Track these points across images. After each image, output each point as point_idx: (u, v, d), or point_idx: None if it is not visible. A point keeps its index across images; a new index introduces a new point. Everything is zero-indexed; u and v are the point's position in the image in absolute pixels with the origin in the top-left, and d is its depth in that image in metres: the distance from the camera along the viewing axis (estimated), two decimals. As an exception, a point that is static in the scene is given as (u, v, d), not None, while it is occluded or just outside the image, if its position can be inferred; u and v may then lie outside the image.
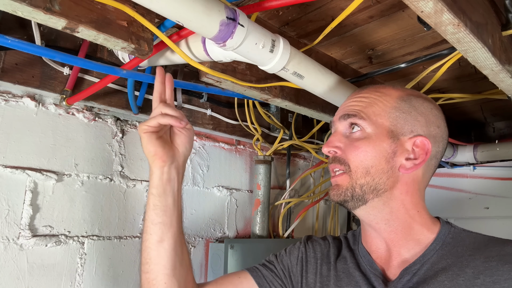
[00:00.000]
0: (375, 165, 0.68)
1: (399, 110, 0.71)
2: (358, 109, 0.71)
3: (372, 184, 0.68)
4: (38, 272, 0.96)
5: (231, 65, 0.94)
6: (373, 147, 0.68)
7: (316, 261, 0.80)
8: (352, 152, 0.69)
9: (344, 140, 0.71)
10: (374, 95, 0.73)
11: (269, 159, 1.48)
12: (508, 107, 1.57)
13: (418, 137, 0.69)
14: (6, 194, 0.93)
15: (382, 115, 0.70)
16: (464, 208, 1.74)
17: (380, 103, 0.71)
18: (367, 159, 0.68)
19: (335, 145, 0.71)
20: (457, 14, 0.63)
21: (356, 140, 0.70)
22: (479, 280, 0.60)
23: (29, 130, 0.99)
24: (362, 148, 0.69)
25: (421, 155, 0.69)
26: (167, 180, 0.75)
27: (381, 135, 0.69)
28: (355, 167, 0.69)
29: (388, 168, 0.68)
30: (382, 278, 0.69)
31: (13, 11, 0.61)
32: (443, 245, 0.68)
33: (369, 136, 0.69)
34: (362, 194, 0.68)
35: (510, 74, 0.87)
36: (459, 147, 1.65)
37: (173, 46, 0.77)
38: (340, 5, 0.95)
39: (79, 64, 0.87)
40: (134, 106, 1.11)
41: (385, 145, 0.69)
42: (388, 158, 0.68)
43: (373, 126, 0.69)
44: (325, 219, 1.89)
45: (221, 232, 1.40)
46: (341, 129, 0.73)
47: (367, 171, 0.68)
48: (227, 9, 0.67)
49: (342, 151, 0.71)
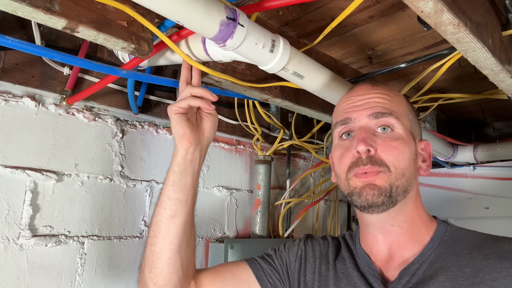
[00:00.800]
0: (408, 167, 0.68)
1: (412, 113, 0.72)
2: (390, 108, 0.69)
3: (406, 185, 0.67)
4: (38, 272, 0.96)
5: (231, 65, 0.94)
6: (408, 149, 0.68)
7: (314, 260, 0.80)
8: (391, 152, 0.66)
9: (375, 139, 0.68)
10: (392, 94, 0.72)
11: (269, 159, 1.48)
12: (508, 107, 1.57)
13: (423, 141, 0.72)
14: (6, 194, 0.93)
15: (404, 116, 0.70)
16: (464, 208, 1.74)
17: (401, 104, 0.71)
18: (404, 160, 0.67)
19: (371, 144, 0.67)
20: (457, 14, 0.63)
21: (393, 140, 0.67)
22: (478, 279, 0.60)
23: (29, 130, 0.99)
24: (400, 149, 0.67)
25: (428, 158, 0.72)
26: (190, 160, 0.76)
27: (409, 137, 0.69)
28: (395, 168, 0.66)
29: (415, 169, 0.69)
30: (381, 279, 0.69)
31: (13, 11, 0.61)
32: (440, 243, 0.68)
33: (401, 137, 0.68)
34: (396, 196, 0.66)
35: (510, 74, 0.87)
36: (459, 147, 1.65)
37: (173, 46, 0.77)
38: (340, 5, 0.95)
39: (79, 64, 0.87)
40: (134, 106, 1.11)
41: (413, 147, 0.69)
42: (415, 159, 0.70)
43: (403, 127, 0.69)
44: (325, 219, 1.89)
45: (221, 232, 1.40)
46: (368, 126, 0.69)
47: (403, 173, 0.67)
48: (227, 9, 0.67)
49: (376, 151, 0.67)
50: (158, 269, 0.74)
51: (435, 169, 1.85)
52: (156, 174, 1.23)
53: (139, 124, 1.22)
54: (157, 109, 1.22)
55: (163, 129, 1.28)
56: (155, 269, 0.75)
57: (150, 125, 1.24)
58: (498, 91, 1.22)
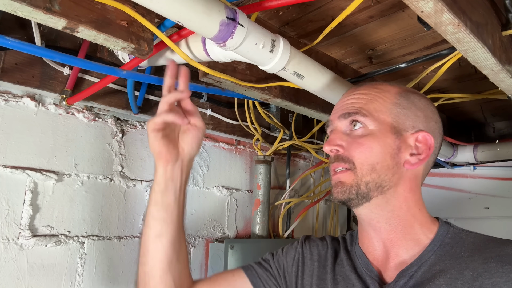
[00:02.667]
0: (381, 161, 0.67)
1: (400, 106, 0.70)
2: (359, 106, 0.70)
3: (378, 181, 0.67)
4: (38, 272, 0.96)
5: (231, 65, 0.94)
6: (378, 143, 0.67)
7: (313, 263, 0.79)
8: (356, 149, 0.68)
9: (346, 138, 0.70)
10: (373, 92, 0.72)
11: (269, 159, 1.48)
12: (508, 107, 1.57)
13: (420, 132, 0.69)
14: (6, 194, 0.93)
15: (383, 111, 0.70)
16: (464, 208, 1.74)
17: (380, 99, 0.71)
18: (372, 155, 0.67)
19: (337, 143, 0.69)
20: (457, 14, 0.63)
21: (360, 137, 0.68)
22: (478, 283, 0.59)
23: (29, 130, 0.99)
24: (367, 145, 0.67)
25: (425, 150, 0.69)
26: (169, 178, 0.74)
27: (385, 131, 0.68)
28: (360, 163, 0.67)
29: (393, 164, 0.68)
30: (378, 280, 0.68)
31: (13, 11, 0.61)
32: (441, 245, 0.67)
33: (372, 133, 0.68)
34: (367, 192, 0.67)
35: (510, 74, 0.87)
36: (459, 147, 1.65)
37: (173, 46, 0.77)
38: (340, 5, 0.95)
39: (79, 64, 0.88)
40: (134, 106, 1.11)
41: (389, 141, 0.68)
42: (393, 154, 0.68)
43: (376, 122, 0.68)
44: (325, 219, 1.89)
45: (221, 232, 1.40)
46: (341, 127, 0.72)
47: (373, 168, 0.67)
48: (227, 9, 0.67)
49: (344, 149, 0.69)
50: (151, 287, 0.75)
51: (435, 169, 1.85)
52: (156, 174, 1.23)
53: (139, 124, 1.22)
54: (157, 109, 1.21)
55: (163, 129, 1.27)
56: (148, 287, 0.75)
57: (150, 125, 1.24)
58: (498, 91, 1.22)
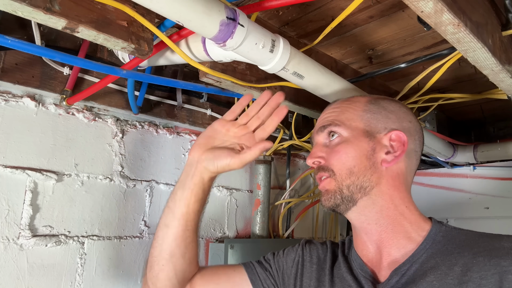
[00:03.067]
0: (357, 164, 0.71)
1: (370, 112, 0.75)
2: (332, 119, 0.75)
3: (358, 182, 0.70)
4: (38, 272, 0.96)
5: (231, 65, 0.94)
6: (352, 148, 0.72)
7: (312, 265, 0.81)
8: (334, 157, 0.72)
9: (326, 149, 0.75)
10: (344, 104, 0.78)
11: (269, 159, 1.48)
12: (508, 107, 1.56)
13: (393, 131, 0.73)
14: (6, 194, 0.93)
15: (354, 119, 0.75)
16: (464, 208, 1.74)
17: (351, 109, 0.76)
18: (348, 160, 0.71)
19: (318, 155, 0.74)
20: (457, 14, 0.63)
21: (336, 145, 0.73)
22: (467, 277, 0.60)
23: (29, 130, 0.99)
24: (342, 151, 0.72)
25: (399, 147, 0.72)
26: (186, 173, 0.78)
27: (358, 136, 0.73)
28: (339, 169, 0.71)
29: (370, 164, 0.71)
30: (372, 280, 0.70)
31: (13, 11, 0.61)
32: (433, 243, 0.68)
33: (347, 140, 0.73)
34: (351, 195, 0.70)
35: (510, 74, 0.87)
36: (459, 147, 1.65)
37: (173, 46, 0.77)
38: (340, 5, 0.95)
39: (79, 64, 0.88)
40: (134, 106, 1.11)
41: (363, 144, 0.72)
42: (368, 155, 0.71)
43: (349, 129, 0.73)
44: (325, 219, 1.89)
45: (221, 232, 1.40)
46: (321, 140, 0.77)
47: (350, 171, 0.71)
48: (227, 9, 0.67)
49: (325, 159, 0.74)
50: (155, 271, 0.78)
51: (435, 169, 1.85)
52: (156, 174, 1.23)
53: (139, 124, 1.22)
54: (157, 109, 1.22)
55: (163, 129, 1.28)
56: (153, 270, 0.79)
57: (150, 125, 1.24)
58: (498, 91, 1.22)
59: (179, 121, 1.27)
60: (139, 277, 1.15)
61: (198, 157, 0.76)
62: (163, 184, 1.25)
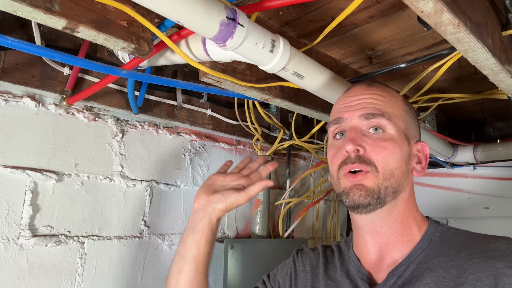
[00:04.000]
0: (399, 168, 0.68)
1: (407, 114, 0.72)
2: (381, 109, 0.69)
3: (395, 186, 0.67)
4: (38, 272, 0.96)
5: (231, 65, 0.94)
6: (399, 149, 0.68)
7: (306, 274, 0.80)
8: (380, 152, 0.67)
9: (366, 139, 0.68)
10: (388, 95, 0.72)
11: (269, 159, 1.48)
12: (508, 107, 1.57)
13: (420, 142, 0.72)
14: (6, 194, 0.93)
15: (398, 117, 0.70)
16: (464, 208, 1.74)
17: (395, 105, 0.71)
18: (393, 161, 0.67)
19: (360, 143, 0.67)
20: (457, 14, 0.63)
21: (383, 140, 0.68)
22: (462, 279, 0.60)
23: (29, 130, 0.99)
24: (390, 150, 0.67)
25: (424, 160, 0.72)
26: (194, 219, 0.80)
27: (402, 138, 0.69)
28: (383, 168, 0.66)
29: (406, 170, 0.69)
30: (369, 281, 0.69)
31: (13, 11, 0.61)
32: (430, 244, 0.68)
33: (393, 138, 0.68)
34: (385, 196, 0.67)
35: (510, 74, 0.87)
36: (459, 147, 1.65)
37: (173, 46, 0.77)
38: (340, 5, 0.95)
39: (79, 64, 0.87)
40: (134, 106, 1.11)
41: (405, 147, 0.69)
42: (407, 161, 0.69)
43: (395, 128, 0.69)
44: (325, 219, 1.89)
45: (221, 232, 1.40)
46: (360, 127, 0.69)
47: (392, 173, 0.67)
48: (227, 9, 0.67)
49: (365, 150, 0.67)
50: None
51: (435, 169, 1.85)
52: (156, 174, 1.23)
53: (139, 124, 1.22)
54: (157, 109, 1.22)
55: (163, 129, 1.28)
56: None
57: (150, 125, 1.24)
58: (498, 91, 1.22)
59: (179, 121, 1.27)
60: (139, 277, 1.15)
61: (206, 201, 0.80)
62: (163, 184, 1.25)
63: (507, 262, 0.59)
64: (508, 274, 0.58)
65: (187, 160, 1.33)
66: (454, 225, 0.73)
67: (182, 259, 0.78)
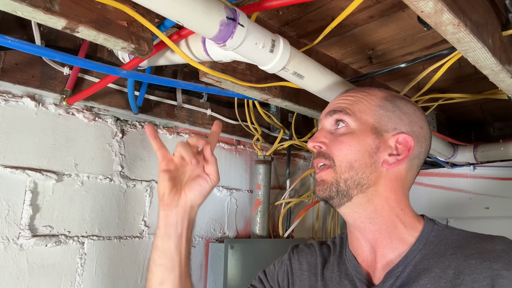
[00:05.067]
0: (359, 159, 0.69)
1: (383, 108, 0.73)
2: (344, 106, 0.73)
3: (356, 178, 0.69)
4: (38, 272, 0.96)
5: (231, 65, 0.94)
6: (357, 142, 0.70)
7: (302, 272, 0.79)
8: (336, 147, 0.70)
9: (330, 136, 0.73)
10: (360, 94, 0.75)
11: (269, 159, 1.48)
12: (508, 107, 1.57)
13: (401, 134, 0.71)
14: (6, 194, 0.93)
15: (366, 112, 0.72)
16: (464, 208, 1.74)
17: (365, 101, 0.74)
18: (351, 153, 0.69)
19: (320, 140, 0.72)
20: (457, 14, 0.63)
21: (341, 135, 0.71)
22: (459, 280, 0.60)
23: (29, 130, 0.99)
24: (346, 142, 0.70)
25: (404, 151, 0.71)
26: (168, 224, 0.73)
27: (365, 131, 0.71)
28: (339, 161, 0.69)
29: (371, 162, 0.70)
30: (367, 283, 0.69)
31: (13, 11, 0.61)
32: (426, 244, 0.68)
33: (353, 132, 0.71)
34: (347, 189, 0.69)
35: (510, 74, 0.87)
36: (459, 147, 1.65)
37: (173, 46, 0.77)
38: (340, 5, 0.95)
39: (79, 64, 0.87)
40: (134, 106, 1.11)
41: (368, 140, 0.70)
42: (371, 153, 0.70)
43: (358, 122, 0.71)
44: (325, 219, 1.89)
45: (221, 232, 1.39)
46: (327, 126, 0.74)
47: (351, 165, 0.69)
48: (227, 9, 0.67)
49: (327, 146, 0.72)
50: None
51: (435, 169, 1.85)
52: (156, 174, 1.23)
53: (139, 124, 1.22)
54: (157, 109, 1.22)
55: (163, 129, 1.28)
56: None
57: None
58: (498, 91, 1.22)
59: (179, 121, 1.27)
60: (139, 277, 1.15)
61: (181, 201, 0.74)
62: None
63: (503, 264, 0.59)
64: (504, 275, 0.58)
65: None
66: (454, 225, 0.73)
67: (163, 268, 0.72)
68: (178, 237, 0.73)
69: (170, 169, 0.74)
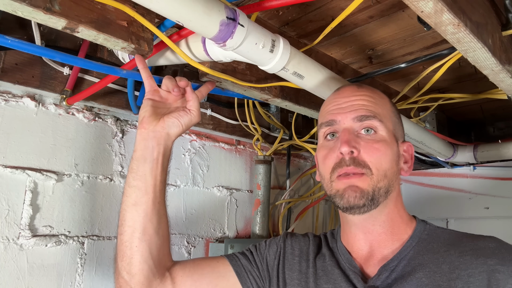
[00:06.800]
0: (390, 168, 0.69)
1: (395, 115, 0.74)
2: (373, 110, 0.70)
3: (387, 186, 0.69)
4: (38, 272, 0.96)
5: (231, 65, 0.94)
6: (390, 150, 0.69)
7: (294, 257, 0.80)
8: (374, 154, 0.68)
9: (359, 141, 0.69)
10: (377, 96, 0.74)
11: (269, 159, 1.48)
12: (508, 107, 1.57)
13: (405, 142, 0.74)
14: (6, 194, 0.93)
15: (387, 118, 0.72)
16: (464, 208, 1.74)
17: (384, 106, 0.73)
18: (386, 162, 0.68)
19: (354, 145, 0.68)
20: (457, 14, 0.63)
21: (375, 142, 0.69)
22: (455, 275, 0.62)
23: (29, 130, 0.99)
24: (382, 151, 0.68)
25: (410, 160, 0.73)
26: (145, 147, 0.75)
27: (392, 139, 0.71)
28: (377, 170, 0.67)
29: (397, 170, 0.71)
30: (361, 275, 0.70)
31: (13, 11, 0.61)
32: (419, 241, 0.70)
33: (384, 139, 0.70)
34: (378, 197, 0.68)
35: (510, 74, 0.87)
36: (459, 147, 1.65)
37: (173, 46, 0.77)
38: (340, 5, 0.95)
39: (79, 64, 0.87)
40: (134, 106, 1.11)
41: (395, 148, 0.71)
42: (397, 161, 0.71)
43: (386, 129, 0.70)
44: (325, 219, 1.89)
45: (221, 232, 1.39)
46: (353, 128, 0.70)
47: (385, 174, 0.68)
48: (227, 9, 0.67)
49: (359, 152, 0.68)
50: (128, 257, 0.73)
51: (435, 169, 1.85)
52: (156, 174, 1.23)
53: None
54: (157, 109, 1.22)
55: (163, 129, 1.27)
56: (125, 257, 0.74)
57: (150, 125, 1.24)
58: (498, 91, 1.22)
59: (179, 121, 1.27)
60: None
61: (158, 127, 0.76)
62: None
63: (498, 259, 0.61)
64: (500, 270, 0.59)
65: (187, 160, 1.33)
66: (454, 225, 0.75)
67: (136, 190, 0.74)
68: (153, 161, 0.75)
69: (155, 99, 0.78)
